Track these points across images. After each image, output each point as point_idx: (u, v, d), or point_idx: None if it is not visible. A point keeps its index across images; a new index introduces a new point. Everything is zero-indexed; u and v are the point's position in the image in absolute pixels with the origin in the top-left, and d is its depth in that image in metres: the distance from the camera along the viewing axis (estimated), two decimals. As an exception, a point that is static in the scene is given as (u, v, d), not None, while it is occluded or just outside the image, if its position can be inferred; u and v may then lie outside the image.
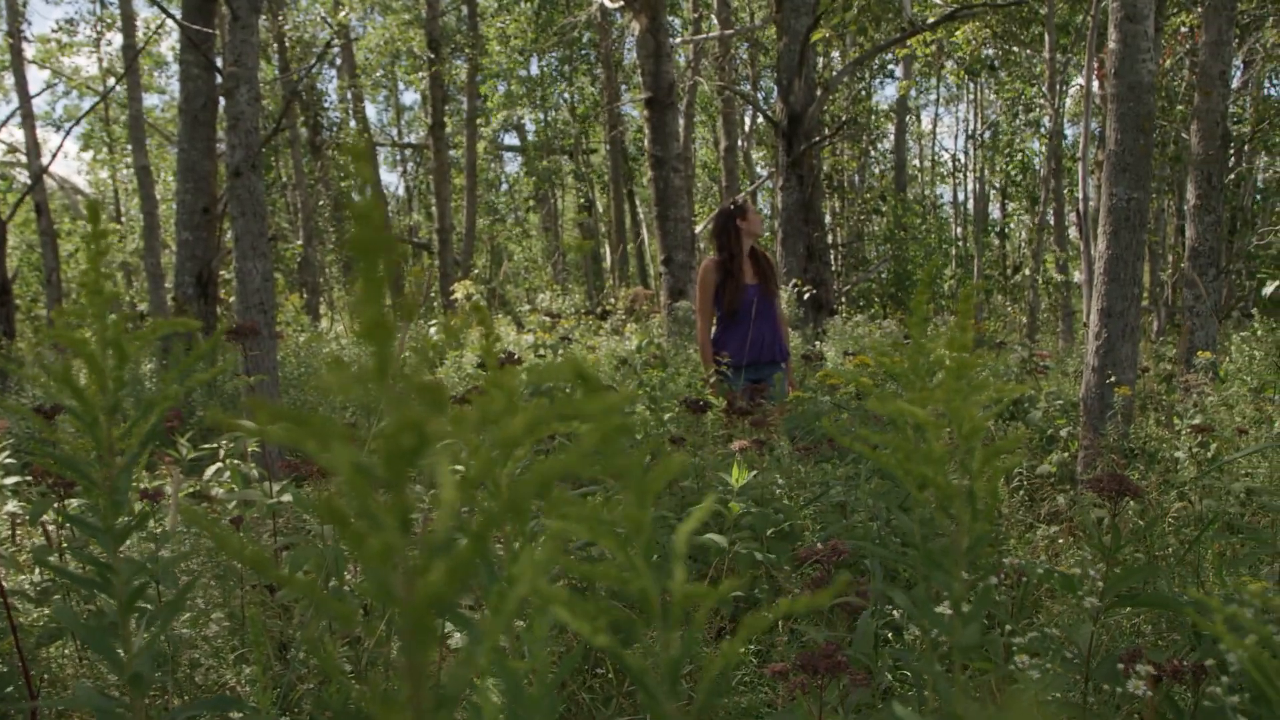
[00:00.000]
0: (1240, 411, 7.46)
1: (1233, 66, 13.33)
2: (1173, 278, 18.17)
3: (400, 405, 0.54)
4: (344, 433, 0.55)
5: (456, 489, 0.57)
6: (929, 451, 1.31)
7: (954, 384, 1.32)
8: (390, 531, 0.58)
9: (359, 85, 29.09)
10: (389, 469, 0.56)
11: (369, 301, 0.56)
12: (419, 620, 0.62)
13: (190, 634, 3.26)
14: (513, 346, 11.91)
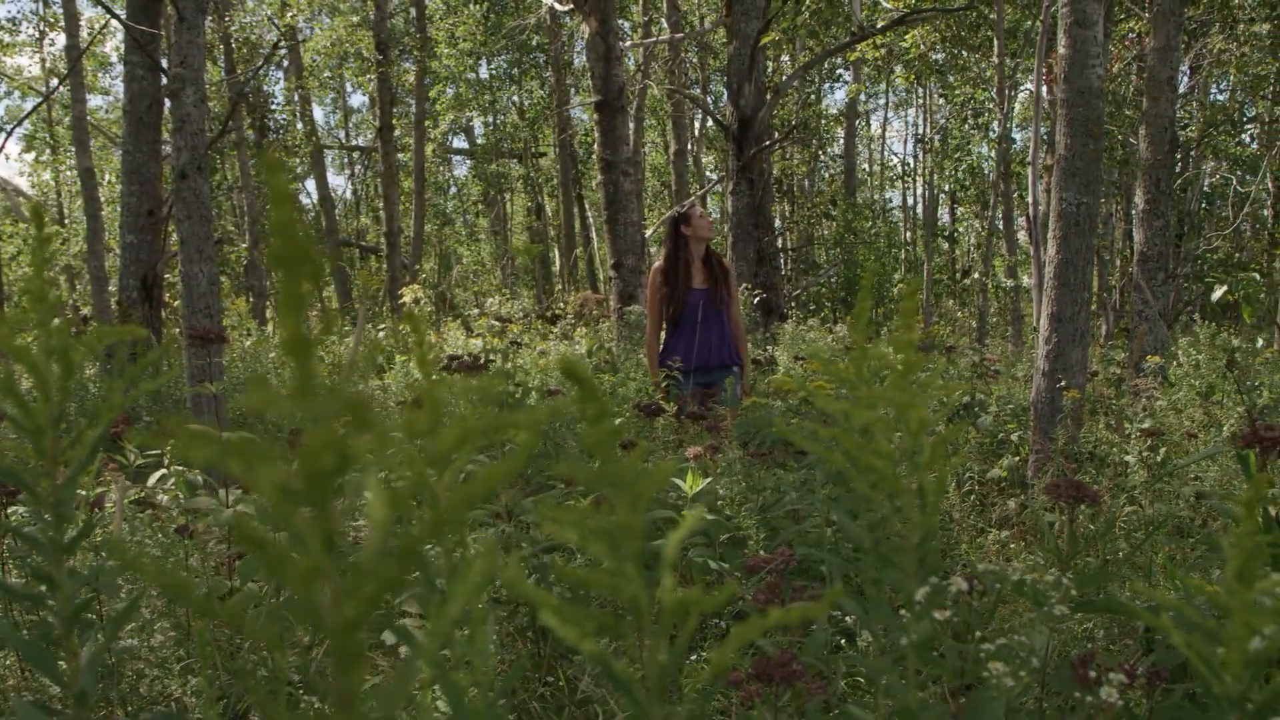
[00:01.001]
0: (1189, 415, 7.48)
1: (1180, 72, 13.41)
2: (1121, 282, 18.28)
3: (321, 422, 0.50)
4: (267, 452, 0.51)
5: (387, 506, 0.54)
6: (877, 448, 1.28)
7: (901, 383, 1.30)
8: (314, 551, 0.54)
9: (306, 87, 28.93)
10: (310, 488, 0.52)
11: (289, 316, 0.52)
12: (345, 640, 0.59)
13: (135, 645, 3.20)
14: (461, 350, 11.84)
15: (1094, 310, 17.77)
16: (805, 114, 27.83)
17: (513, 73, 33.50)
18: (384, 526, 0.54)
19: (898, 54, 22.34)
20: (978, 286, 24.14)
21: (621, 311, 11.84)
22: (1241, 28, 15.84)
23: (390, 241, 24.41)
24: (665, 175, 32.61)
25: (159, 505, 3.91)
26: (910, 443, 1.31)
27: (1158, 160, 10.31)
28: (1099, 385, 9.31)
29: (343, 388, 0.51)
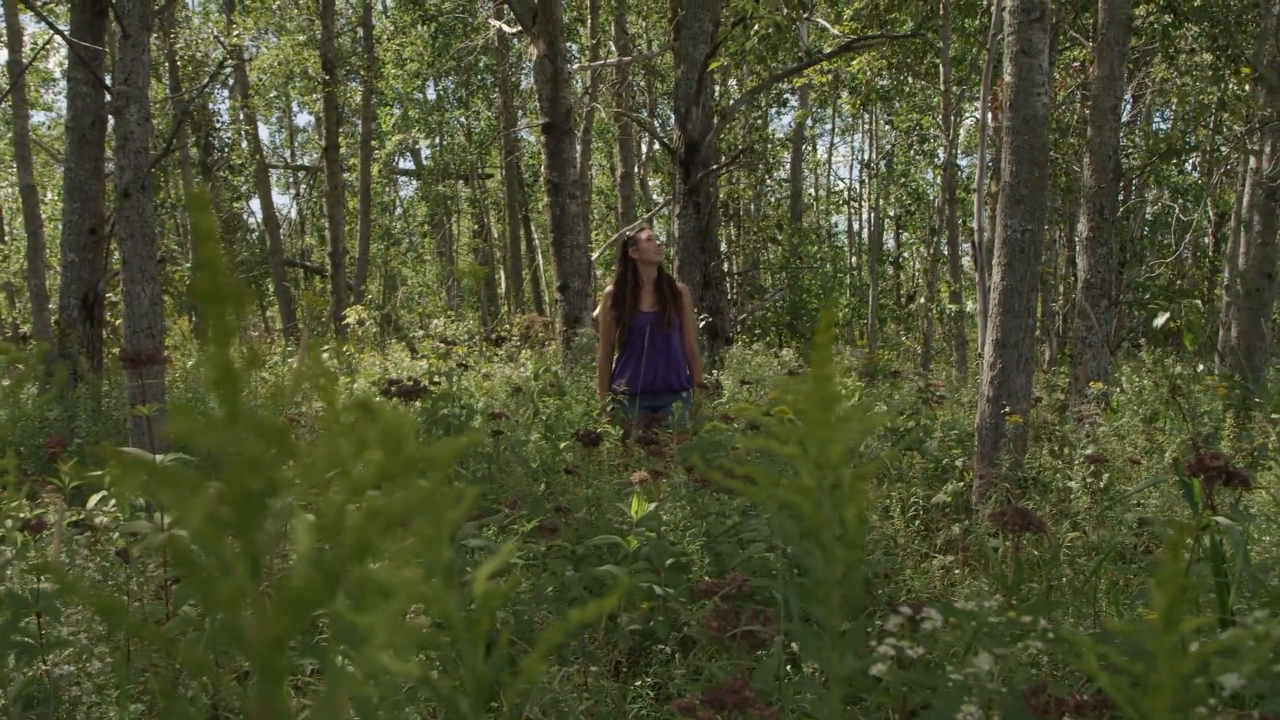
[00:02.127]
0: (1132, 441, 7.53)
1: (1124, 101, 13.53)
2: (1064, 308, 18.41)
3: (247, 452, 0.48)
4: (194, 481, 0.49)
5: (310, 535, 0.52)
6: (797, 483, 1.27)
7: (818, 416, 1.29)
8: (240, 577, 0.53)
9: (252, 106, 28.79)
10: (236, 516, 0.51)
11: (216, 349, 0.50)
12: (268, 662, 0.58)
13: (73, 670, 3.15)
14: (406, 372, 11.78)
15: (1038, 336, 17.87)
16: (752, 138, 27.95)
17: (460, 94, 33.48)
18: (309, 552, 0.53)
19: (844, 80, 22.45)
20: (922, 312, 24.27)
21: (567, 334, 11.82)
22: (1183, 58, 16.00)
23: (335, 262, 24.32)
24: (612, 198, 32.63)
25: (98, 527, 3.85)
26: (830, 477, 1.30)
27: (1101, 188, 10.39)
28: (1043, 411, 9.36)
29: (268, 418, 0.50)
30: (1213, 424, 8.83)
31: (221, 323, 0.50)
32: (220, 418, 0.47)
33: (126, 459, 0.52)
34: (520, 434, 6.87)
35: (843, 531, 1.33)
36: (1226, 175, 20.08)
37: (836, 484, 1.33)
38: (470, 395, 7.56)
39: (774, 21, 12.00)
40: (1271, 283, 12.96)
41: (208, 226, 0.53)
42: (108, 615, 0.61)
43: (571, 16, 26.04)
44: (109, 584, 3.49)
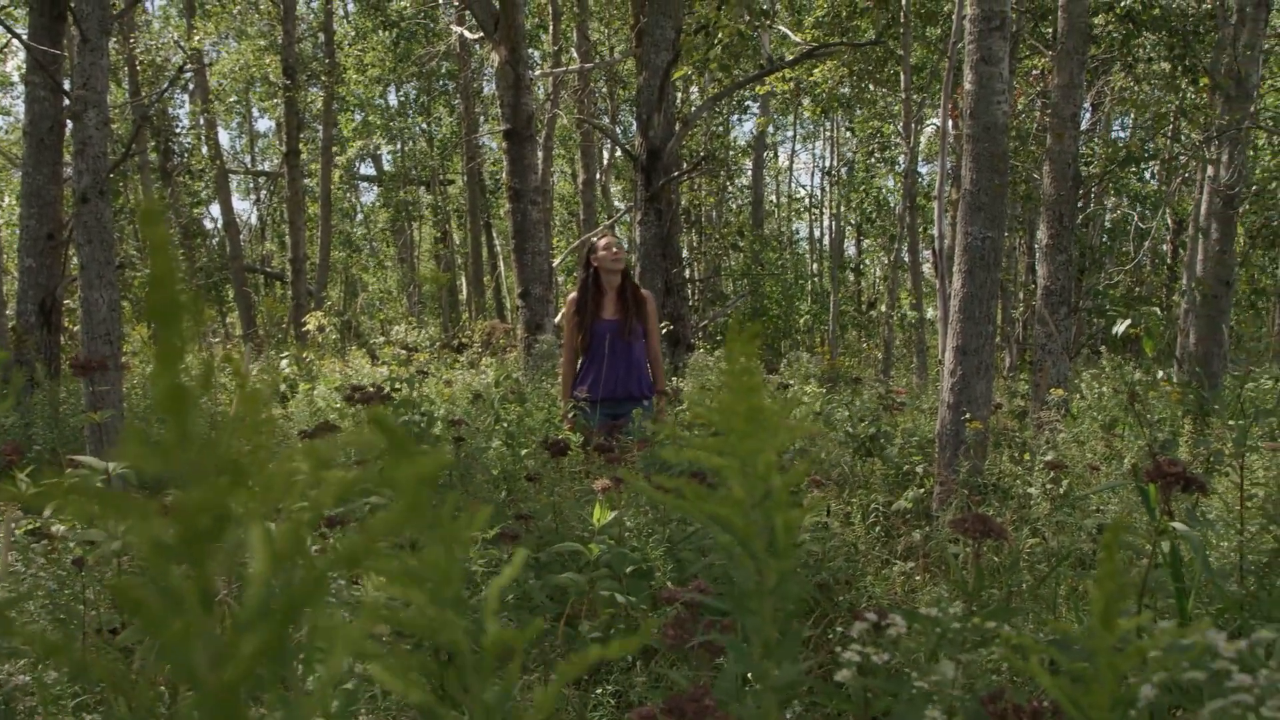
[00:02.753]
0: (1091, 448, 7.56)
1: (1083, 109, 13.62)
2: (1025, 315, 18.49)
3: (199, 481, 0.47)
4: (143, 506, 0.48)
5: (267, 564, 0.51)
6: (724, 494, 1.28)
7: (748, 426, 1.29)
8: (191, 610, 0.51)
9: (212, 111, 28.65)
10: (188, 548, 0.49)
11: (165, 370, 0.49)
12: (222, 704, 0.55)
13: (28, 681, 3.11)
14: (367, 380, 11.73)
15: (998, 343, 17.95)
16: (714, 145, 27.99)
17: (422, 100, 33.41)
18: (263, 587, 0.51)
19: (806, 87, 22.50)
20: (883, 319, 24.34)
21: (529, 341, 11.80)
22: (1142, 66, 16.10)
23: (295, 268, 24.22)
24: (574, 204, 32.61)
25: (55, 536, 3.82)
26: (760, 487, 1.30)
27: (1061, 196, 10.44)
28: (1003, 417, 9.39)
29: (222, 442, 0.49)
30: (1171, 430, 8.89)
31: (171, 342, 0.49)
32: (172, 441, 0.46)
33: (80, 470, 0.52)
34: (481, 441, 6.85)
35: (773, 541, 1.33)
36: (1185, 183, 20.22)
37: (767, 494, 1.33)
38: (431, 402, 7.54)
39: (736, 29, 12.02)
40: (1229, 290, 13.05)
41: (161, 239, 0.52)
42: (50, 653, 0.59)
43: (534, 23, 26.05)
44: (65, 593, 3.46)
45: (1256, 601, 3.03)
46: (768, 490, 1.32)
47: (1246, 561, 3.79)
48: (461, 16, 23.61)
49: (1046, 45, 15.68)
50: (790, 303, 29.43)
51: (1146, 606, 3.24)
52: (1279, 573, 3.40)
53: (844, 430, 8.17)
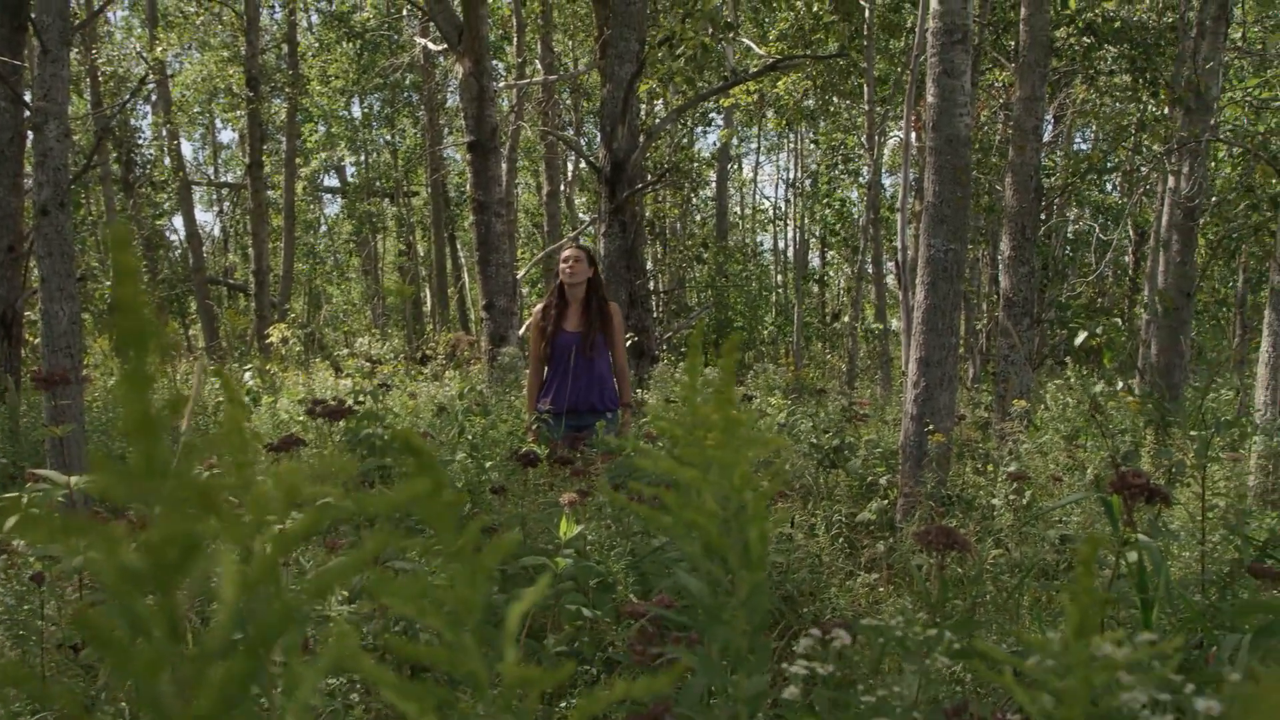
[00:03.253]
0: (1054, 459, 7.60)
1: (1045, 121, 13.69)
2: (988, 326, 18.56)
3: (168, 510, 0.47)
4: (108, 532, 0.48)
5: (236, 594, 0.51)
6: (700, 506, 1.28)
7: (723, 439, 1.29)
8: (158, 641, 0.51)
9: (174, 122, 28.51)
10: (156, 578, 0.49)
11: (133, 397, 0.49)
12: None
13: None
14: (330, 391, 11.70)
15: (961, 354, 18.02)
16: (678, 157, 28.00)
17: (385, 112, 33.34)
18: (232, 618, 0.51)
19: (770, 99, 22.55)
20: (847, 330, 24.38)
21: (493, 353, 11.78)
22: (1103, 79, 16.20)
23: (259, 280, 24.12)
24: (538, 216, 32.57)
25: (15, 551, 3.79)
26: (735, 500, 1.30)
27: (1023, 208, 10.50)
28: (967, 428, 9.42)
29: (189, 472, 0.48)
30: (1134, 440, 8.93)
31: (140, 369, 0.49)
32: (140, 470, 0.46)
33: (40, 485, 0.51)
34: (445, 454, 6.84)
35: (746, 553, 1.34)
36: (1146, 195, 20.33)
37: (740, 506, 1.33)
38: (395, 415, 7.52)
39: (700, 42, 12.04)
40: (1190, 301, 13.13)
41: (128, 265, 0.52)
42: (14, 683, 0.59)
43: (498, 35, 26.01)
44: (24, 608, 3.43)
45: (1218, 612, 3.05)
46: (742, 503, 1.32)
47: (1209, 571, 3.82)
48: (425, 28, 23.57)
49: (1009, 58, 15.77)
50: (755, 314, 29.48)
51: (1110, 618, 3.26)
52: (1241, 582, 3.43)
53: (808, 442, 8.19)
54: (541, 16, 23.65)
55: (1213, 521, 4.37)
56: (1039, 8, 10.40)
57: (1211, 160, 17.70)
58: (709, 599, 1.40)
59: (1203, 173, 12.92)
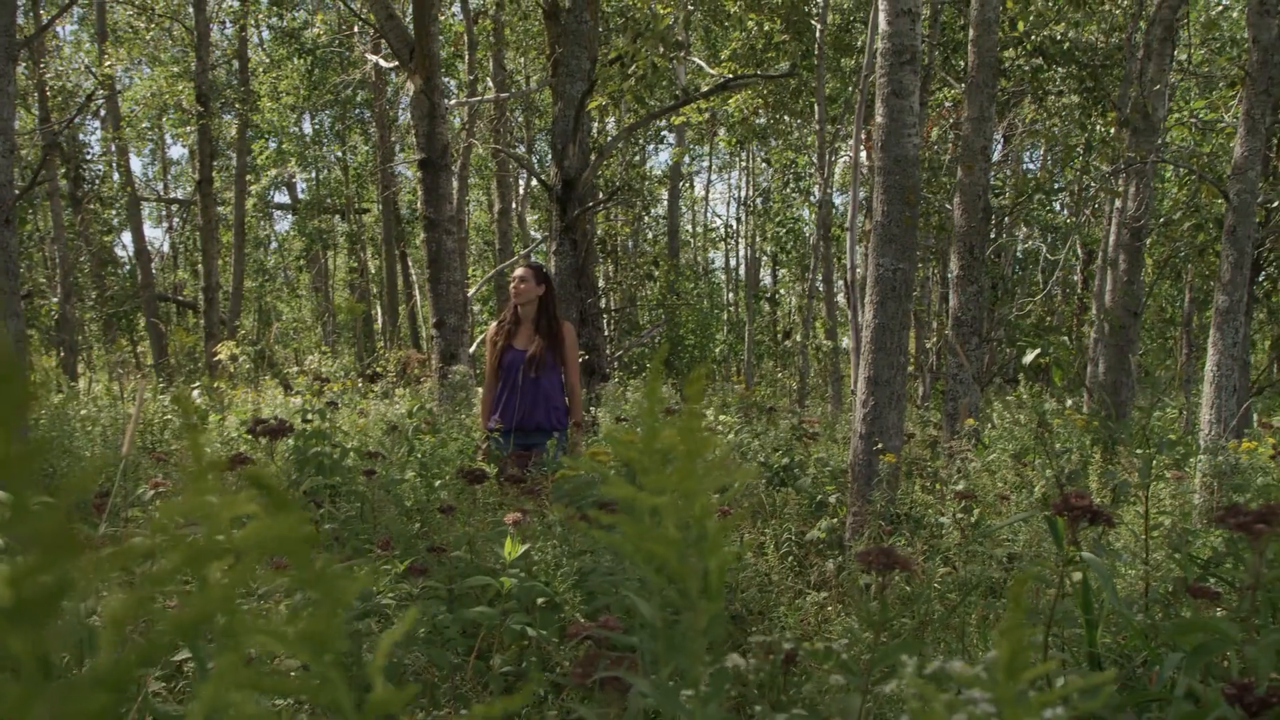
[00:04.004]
0: (1002, 477, 7.63)
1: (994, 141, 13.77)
2: (938, 344, 18.66)
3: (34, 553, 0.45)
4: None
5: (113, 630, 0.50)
6: (662, 534, 1.27)
7: (687, 467, 1.29)
8: (29, 678, 0.50)
9: (124, 137, 28.34)
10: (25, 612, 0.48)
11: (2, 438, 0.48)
12: None
13: None
14: (279, 410, 11.62)
15: (911, 372, 18.10)
16: (630, 175, 28.04)
17: (337, 128, 33.26)
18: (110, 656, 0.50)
19: (721, 118, 22.63)
20: (798, 348, 24.44)
21: (444, 371, 11.74)
22: (1052, 99, 16.32)
23: (208, 297, 23.99)
24: (490, 234, 32.56)
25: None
26: (696, 528, 1.30)
27: (972, 228, 10.56)
28: (916, 447, 9.46)
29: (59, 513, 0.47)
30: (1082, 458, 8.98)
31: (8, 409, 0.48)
32: (10, 512, 0.45)
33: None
34: (395, 473, 6.81)
35: (705, 583, 1.33)
36: (1094, 214, 20.50)
37: (701, 534, 1.33)
38: (344, 434, 7.49)
39: (651, 61, 12.07)
40: (1136, 320, 13.24)
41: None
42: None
43: (450, 52, 26.01)
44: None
45: (1160, 631, 3.07)
46: (703, 531, 1.31)
47: (1153, 590, 3.83)
48: (377, 45, 23.53)
49: (958, 78, 15.87)
50: (706, 332, 29.53)
51: (1054, 636, 3.27)
52: (1184, 601, 3.44)
53: (757, 460, 8.19)
54: (494, 34, 23.66)
55: (1157, 540, 4.40)
56: (987, 29, 10.48)
57: (1158, 181, 17.87)
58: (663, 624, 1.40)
59: (1148, 193, 13.04)
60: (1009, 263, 20.97)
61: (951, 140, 17.34)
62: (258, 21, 30.75)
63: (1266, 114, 9.13)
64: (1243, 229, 8.81)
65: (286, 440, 5.24)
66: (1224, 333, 8.84)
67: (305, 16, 30.34)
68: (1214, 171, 13.43)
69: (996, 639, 1.19)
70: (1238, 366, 9.16)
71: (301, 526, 0.74)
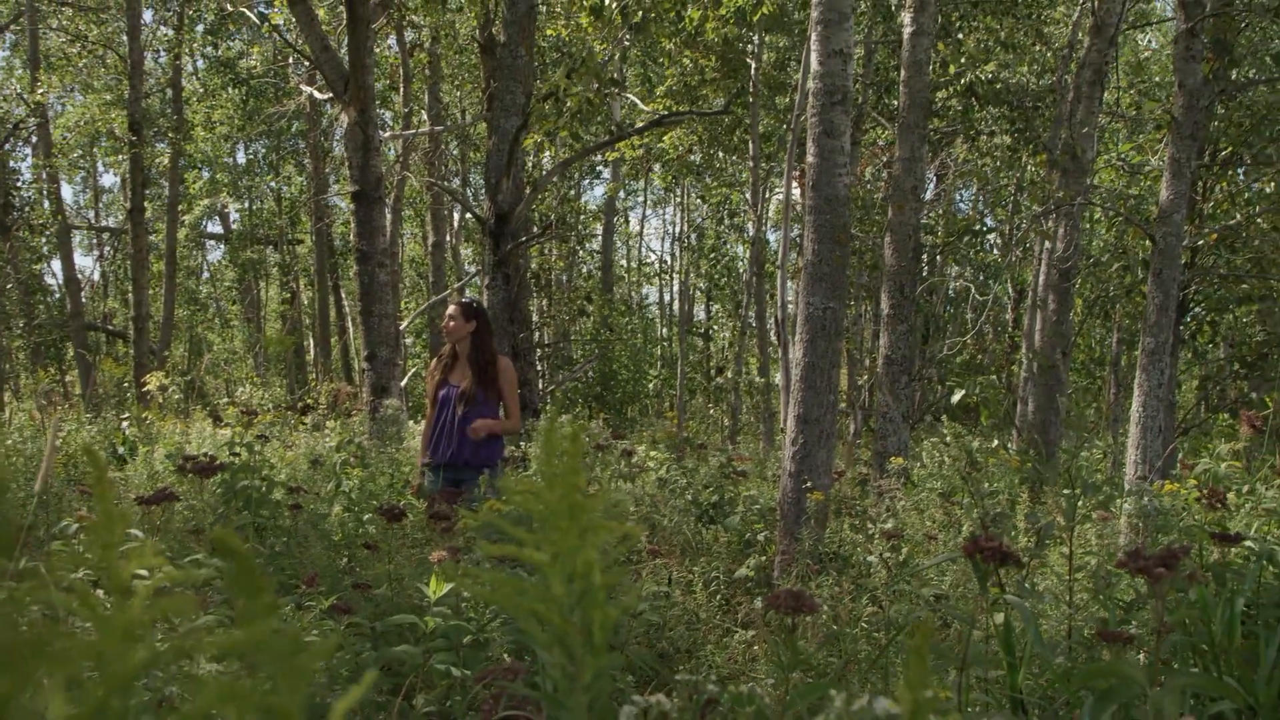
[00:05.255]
0: (930, 516, 7.66)
1: (926, 180, 13.88)
2: (870, 382, 18.74)
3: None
4: None
5: None
6: (545, 591, 1.28)
7: (567, 525, 1.29)
8: None
9: (55, 165, 28.07)
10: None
11: None
12: None
13: None
14: (209, 442, 11.53)
15: (843, 409, 18.16)
16: (564, 209, 28.05)
17: (271, 159, 33.12)
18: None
19: (656, 154, 22.70)
20: (731, 385, 24.50)
21: (375, 404, 11.69)
22: (984, 139, 16.47)
23: (138, 326, 23.77)
24: (424, 267, 32.45)
25: None
26: (580, 585, 1.30)
27: (902, 267, 10.63)
28: (846, 485, 9.49)
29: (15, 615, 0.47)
30: (1010, 497, 9.03)
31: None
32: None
33: None
34: (322, 507, 6.76)
35: (589, 639, 1.33)
36: (1024, 254, 20.68)
37: (586, 589, 1.32)
38: (271, 467, 7.44)
39: (585, 97, 12.09)
40: (1066, 360, 13.35)
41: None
42: None
43: (385, 84, 25.95)
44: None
45: (1079, 672, 3.09)
46: (587, 587, 1.31)
47: (1076, 631, 3.86)
48: (312, 76, 23.45)
49: (890, 118, 16.00)
50: (639, 368, 29.53)
51: (978, 678, 3.28)
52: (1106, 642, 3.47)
53: (685, 498, 8.20)
54: (429, 67, 23.66)
55: (1083, 581, 4.43)
56: (918, 70, 10.57)
57: (1087, 222, 18.08)
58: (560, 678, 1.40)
59: (1076, 234, 13.18)
60: (941, 301, 21.11)
61: (885, 179, 17.46)
62: (192, 51, 30.57)
63: (1191, 158, 9.26)
64: (1168, 271, 8.91)
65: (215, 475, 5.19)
66: (1150, 374, 8.93)
67: (241, 46, 30.23)
68: (1141, 214, 13.61)
69: (900, 691, 1.19)
70: (1163, 407, 9.25)
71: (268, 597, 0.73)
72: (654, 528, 7.69)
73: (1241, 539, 3.51)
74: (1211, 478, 6.03)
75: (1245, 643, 3.24)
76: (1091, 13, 13.15)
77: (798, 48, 17.71)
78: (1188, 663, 3.20)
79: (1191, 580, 3.32)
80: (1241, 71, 14.05)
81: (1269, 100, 12.46)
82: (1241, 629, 3.18)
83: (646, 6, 11.22)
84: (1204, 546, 3.83)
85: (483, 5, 14.44)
